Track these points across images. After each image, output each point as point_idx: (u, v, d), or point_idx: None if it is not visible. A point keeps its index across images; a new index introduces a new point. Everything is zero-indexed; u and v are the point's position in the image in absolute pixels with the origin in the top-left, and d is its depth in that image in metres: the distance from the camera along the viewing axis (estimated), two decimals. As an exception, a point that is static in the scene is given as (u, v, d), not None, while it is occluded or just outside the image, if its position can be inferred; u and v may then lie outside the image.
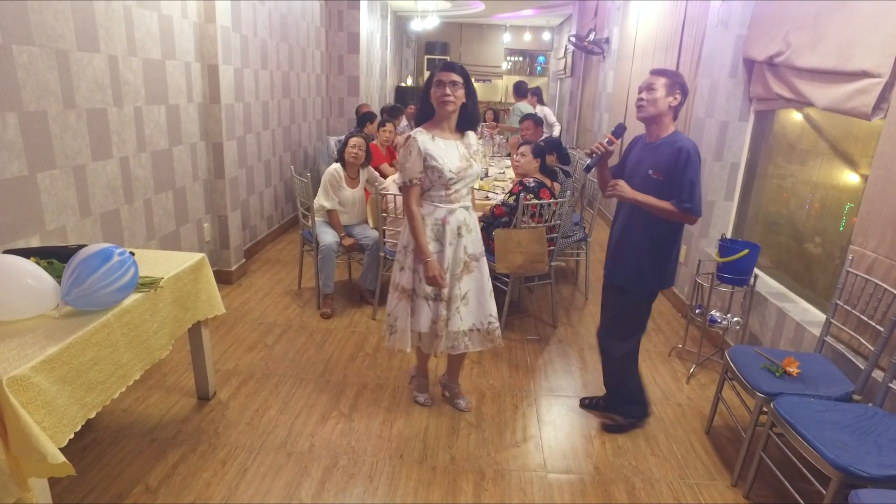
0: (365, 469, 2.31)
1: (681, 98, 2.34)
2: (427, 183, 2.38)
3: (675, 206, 2.28)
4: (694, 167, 2.26)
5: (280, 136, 5.41)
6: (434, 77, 2.31)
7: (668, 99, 2.32)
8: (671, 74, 2.35)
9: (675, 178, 2.28)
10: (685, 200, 2.26)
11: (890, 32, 2.31)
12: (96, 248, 1.87)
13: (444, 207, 2.41)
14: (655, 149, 2.37)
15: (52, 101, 2.48)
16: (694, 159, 2.26)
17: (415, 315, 2.47)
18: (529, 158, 3.55)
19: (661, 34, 5.30)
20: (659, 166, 2.32)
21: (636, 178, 2.40)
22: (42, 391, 1.57)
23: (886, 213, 2.26)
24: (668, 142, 2.33)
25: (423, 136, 2.35)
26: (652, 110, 2.34)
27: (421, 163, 2.33)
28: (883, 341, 2.12)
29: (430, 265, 2.36)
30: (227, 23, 3.88)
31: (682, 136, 2.35)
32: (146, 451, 2.34)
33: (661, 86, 2.32)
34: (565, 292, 4.43)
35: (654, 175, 2.33)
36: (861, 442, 1.85)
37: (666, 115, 2.35)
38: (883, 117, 2.34)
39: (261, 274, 4.45)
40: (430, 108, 2.38)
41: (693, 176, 2.25)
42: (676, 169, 2.27)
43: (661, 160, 2.32)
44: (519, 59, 15.78)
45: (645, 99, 2.35)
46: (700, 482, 2.34)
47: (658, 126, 2.38)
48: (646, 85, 2.36)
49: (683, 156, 2.26)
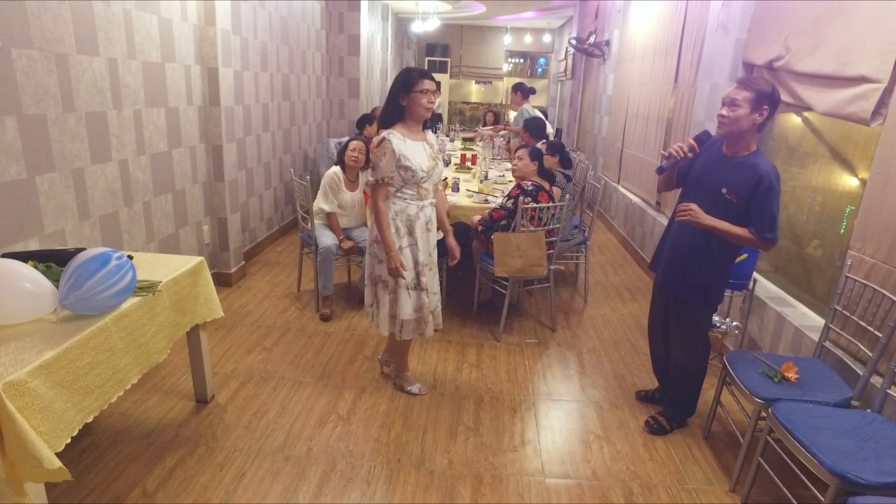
0: (363, 473, 2.31)
1: (768, 113, 2.17)
2: (399, 182, 2.50)
3: (754, 235, 2.19)
4: (775, 197, 2.15)
5: (280, 138, 5.41)
6: (418, 85, 2.42)
7: (752, 116, 2.16)
8: (758, 87, 2.15)
9: (753, 205, 2.17)
10: (767, 231, 2.17)
11: (889, 38, 2.31)
12: (94, 253, 1.87)
13: (415, 204, 2.55)
14: (734, 167, 2.24)
15: (51, 105, 2.48)
16: (776, 188, 2.15)
17: (399, 305, 2.60)
18: (527, 161, 3.55)
19: (661, 37, 5.30)
20: (736, 188, 2.21)
21: (709, 192, 2.28)
22: (39, 396, 1.57)
23: (885, 219, 2.25)
24: (749, 163, 2.20)
25: (396, 137, 2.45)
26: (734, 128, 2.20)
27: (394, 163, 2.44)
28: (881, 347, 2.12)
29: (394, 258, 2.50)
30: (227, 25, 3.89)
31: (765, 157, 2.22)
32: (144, 454, 2.34)
33: (745, 101, 2.15)
34: (564, 296, 4.43)
35: (728, 196, 2.22)
36: (859, 448, 1.84)
37: (748, 131, 2.20)
38: (882, 123, 2.34)
39: (260, 276, 4.45)
40: (398, 110, 2.49)
41: (775, 208, 2.16)
42: (756, 196, 2.16)
43: (738, 182, 2.20)
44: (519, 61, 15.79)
45: (727, 116, 2.19)
46: (698, 487, 2.34)
47: (740, 143, 2.25)
48: (729, 99, 2.20)
49: (765, 184, 2.14)
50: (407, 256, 2.57)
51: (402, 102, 2.46)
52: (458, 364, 3.23)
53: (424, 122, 2.56)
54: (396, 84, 2.46)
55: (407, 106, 2.47)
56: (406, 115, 2.50)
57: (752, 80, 2.20)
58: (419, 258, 2.58)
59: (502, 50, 15.30)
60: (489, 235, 3.50)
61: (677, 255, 2.46)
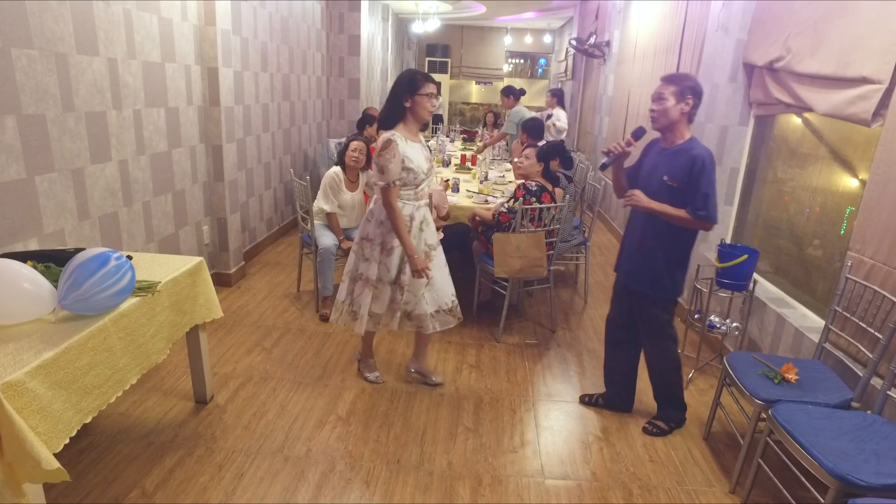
0: (362, 474, 2.30)
1: (693, 101, 2.34)
2: (399, 183, 2.52)
3: (690, 214, 2.32)
4: (709, 176, 2.29)
5: (280, 138, 5.41)
6: (424, 88, 2.47)
7: (679, 106, 2.33)
8: (679, 80, 2.34)
9: (690, 185, 2.31)
10: (700, 208, 2.30)
11: (890, 39, 2.31)
12: (93, 253, 1.87)
13: (411, 204, 2.59)
14: (671, 155, 2.39)
15: (50, 105, 2.48)
16: (709, 167, 2.29)
17: (376, 300, 2.66)
18: (533, 161, 3.55)
19: (661, 38, 5.30)
20: (675, 173, 2.35)
21: (652, 183, 2.43)
22: (37, 396, 1.56)
23: (884, 220, 2.25)
24: (684, 149, 2.35)
25: (400, 139, 2.48)
26: (664, 121, 2.36)
27: (400, 165, 2.47)
28: (882, 348, 2.11)
29: (419, 260, 2.54)
30: (228, 25, 3.89)
31: (698, 143, 2.37)
32: (143, 455, 2.34)
33: (671, 94, 2.33)
34: (565, 296, 4.42)
35: (669, 182, 2.36)
36: (859, 450, 1.84)
37: (679, 121, 2.36)
38: (882, 124, 2.33)
39: (260, 276, 4.45)
40: (401, 111, 2.51)
41: (708, 185, 2.29)
42: (692, 177, 2.30)
43: (676, 167, 2.35)
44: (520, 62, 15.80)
45: (656, 110, 2.36)
46: (698, 488, 2.33)
47: (673, 133, 2.40)
48: (656, 95, 2.36)
49: (699, 164, 2.28)
50: (395, 255, 2.61)
51: (405, 104, 2.48)
52: (457, 365, 3.23)
53: None
54: (401, 85, 2.47)
55: (410, 108, 2.49)
56: (408, 117, 2.52)
57: (675, 76, 2.38)
58: None
59: (503, 50, 15.31)
60: (489, 236, 3.49)
61: (632, 250, 2.55)
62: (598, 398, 2.88)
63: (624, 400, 2.84)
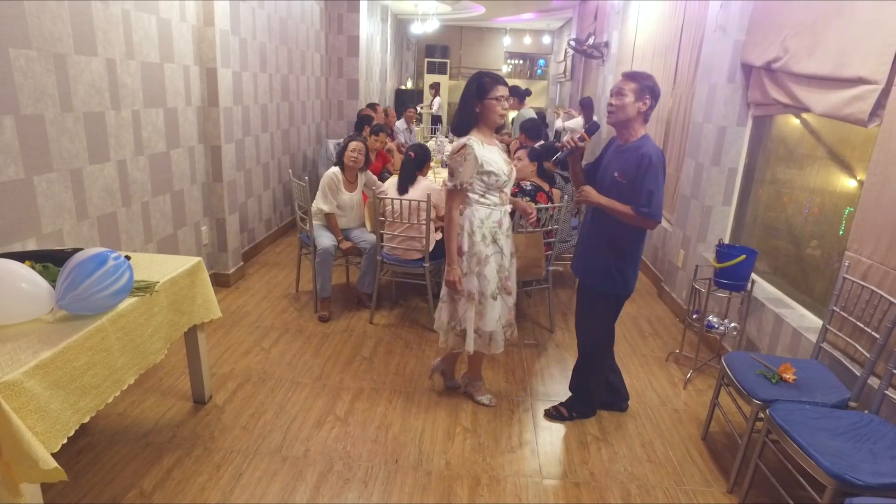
0: (360, 474, 2.30)
1: (650, 102, 2.36)
2: (482, 188, 2.48)
3: (634, 211, 2.34)
4: (654, 174, 2.30)
5: (279, 139, 5.41)
6: (493, 91, 2.41)
7: (637, 104, 2.35)
8: (641, 79, 2.36)
9: (636, 182, 2.33)
10: (643, 205, 2.32)
11: (886, 39, 2.31)
12: (91, 253, 1.87)
13: (499, 210, 2.54)
14: (623, 153, 2.42)
15: (49, 105, 2.48)
16: (655, 166, 2.30)
17: (483, 317, 2.57)
18: (526, 162, 3.56)
19: (659, 38, 5.31)
20: (625, 170, 2.38)
21: (605, 180, 2.47)
22: (34, 396, 1.56)
23: (882, 220, 2.25)
24: (635, 146, 2.38)
25: (477, 143, 2.44)
26: (621, 116, 2.39)
27: (473, 169, 2.43)
28: (879, 348, 2.12)
29: (455, 271, 2.50)
30: (226, 26, 3.89)
31: (650, 141, 2.39)
32: (141, 455, 2.34)
33: (631, 91, 2.34)
34: (563, 296, 4.43)
35: (619, 178, 2.39)
36: (857, 449, 1.84)
37: (635, 119, 2.39)
38: (879, 124, 2.34)
39: (258, 277, 4.45)
40: (473, 116, 2.46)
41: (652, 182, 2.30)
42: (638, 174, 2.32)
43: (626, 164, 2.37)
44: (519, 63, 15.82)
45: (614, 104, 2.38)
46: (696, 488, 2.33)
47: (628, 130, 2.42)
48: (616, 90, 2.38)
49: (645, 162, 2.30)
50: (492, 266, 2.54)
51: (476, 109, 2.45)
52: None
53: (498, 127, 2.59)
54: (470, 90, 2.44)
55: (480, 112, 2.46)
56: (480, 122, 2.48)
57: (636, 74, 2.39)
58: (504, 263, 2.58)
59: (502, 51, 15.33)
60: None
61: (582, 243, 2.60)
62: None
63: (614, 399, 2.84)
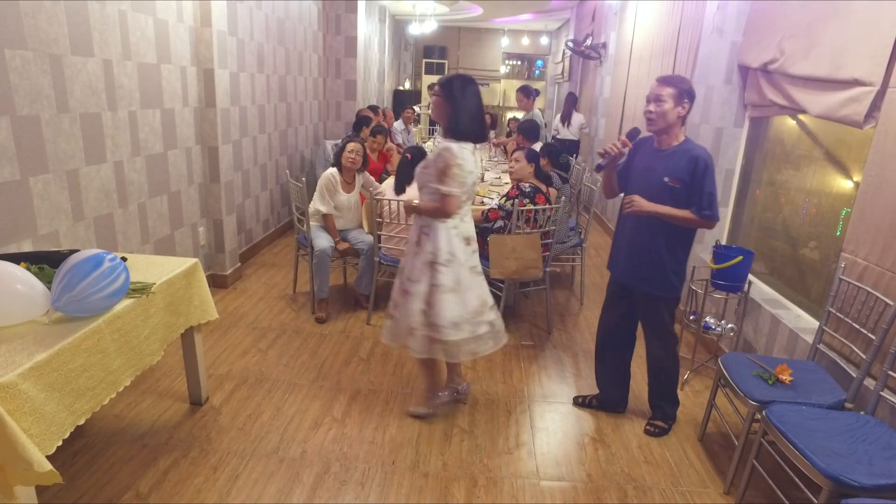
0: (357, 475, 2.30)
1: (689, 105, 2.35)
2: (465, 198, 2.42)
3: (695, 215, 2.34)
4: (711, 176, 2.32)
5: (276, 139, 5.41)
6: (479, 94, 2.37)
7: (676, 109, 2.34)
8: (678, 83, 2.34)
9: (693, 186, 2.33)
10: (705, 208, 2.33)
11: (881, 41, 2.32)
12: (87, 254, 1.86)
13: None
14: (670, 157, 2.39)
15: (45, 106, 2.47)
16: (711, 168, 2.32)
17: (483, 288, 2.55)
18: (524, 164, 3.56)
19: (657, 40, 5.32)
20: (676, 174, 2.35)
21: (652, 185, 2.41)
22: (30, 398, 1.56)
23: (877, 221, 2.26)
24: (682, 150, 2.37)
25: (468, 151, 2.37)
26: (662, 123, 2.37)
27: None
28: (875, 349, 2.12)
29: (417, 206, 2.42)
30: (224, 27, 3.88)
31: (694, 143, 2.40)
32: (137, 456, 2.33)
33: (669, 96, 2.32)
34: (561, 297, 4.43)
35: (670, 183, 2.36)
36: (852, 451, 1.85)
37: (676, 124, 2.37)
38: (874, 125, 2.35)
39: (256, 278, 4.45)
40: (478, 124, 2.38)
41: (711, 185, 2.32)
42: (695, 178, 2.32)
43: (677, 168, 2.35)
44: (517, 63, 15.83)
45: (654, 112, 2.36)
46: (692, 489, 2.34)
47: (669, 135, 2.41)
48: (653, 96, 2.35)
49: (701, 165, 2.31)
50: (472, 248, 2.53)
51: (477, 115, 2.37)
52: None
53: None
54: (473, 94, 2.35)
55: None
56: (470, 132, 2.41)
57: (672, 78, 2.37)
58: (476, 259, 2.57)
59: (500, 52, 15.34)
60: (485, 237, 3.50)
61: (634, 252, 2.53)
62: (592, 400, 2.88)
63: (618, 401, 2.84)
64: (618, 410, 2.85)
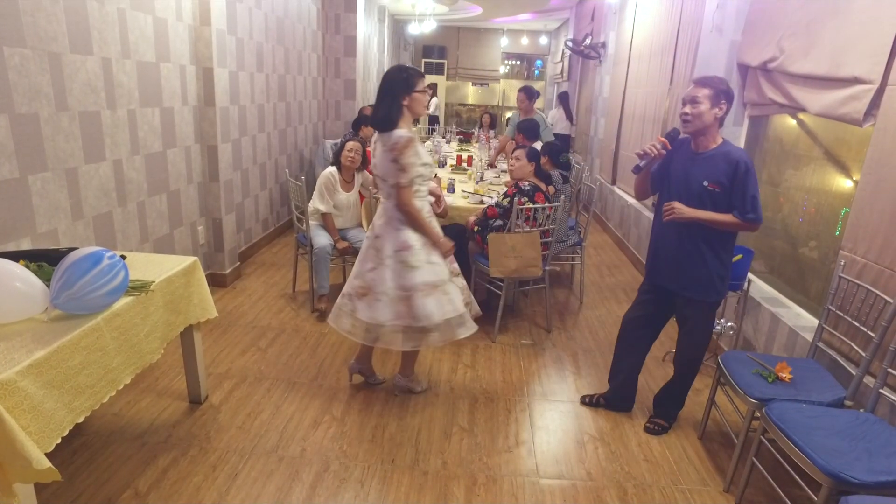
0: (356, 474, 2.30)
1: (727, 106, 2.29)
2: (419, 181, 2.52)
3: (738, 218, 2.28)
4: (753, 178, 2.26)
5: (276, 139, 5.40)
6: (419, 84, 2.49)
7: (713, 110, 2.27)
8: (715, 84, 2.28)
9: (735, 190, 2.27)
10: (749, 211, 2.27)
11: (881, 40, 2.32)
12: (86, 252, 1.86)
13: (427, 199, 2.61)
14: (708, 160, 2.33)
15: (44, 104, 2.47)
16: (752, 170, 2.27)
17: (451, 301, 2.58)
18: (524, 163, 3.56)
19: (656, 39, 5.32)
20: (715, 178, 2.30)
21: (691, 189, 2.36)
22: (28, 396, 1.56)
23: (876, 219, 2.26)
24: (721, 153, 2.31)
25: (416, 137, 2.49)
26: (699, 124, 2.30)
27: (420, 162, 2.48)
28: (874, 347, 2.12)
29: (444, 242, 2.60)
30: (223, 26, 3.88)
31: (732, 145, 2.35)
32: (136, 455, 2.33)
33: (705, 98, 2.27)
34: (560, 296, 4.43)
35: (710, 187, 2.31)
36: (852, 448, 1.85)
37: (713, 126, 2.31)
38: (873, 124, 2.35)
39: (255, 277, 4.44)
40: (400, 111, 2.49)
41: (754, 188, 2.26)
42: (736, 181, 2.26)
43: (717, 172, 2.30)
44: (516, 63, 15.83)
45: (690, 113, 2.30)
46: (692, 488, 2.34)
47: (706, 137, 2.34)
48: (689, 98, 2.30)
49: (742, 168, 2.25)
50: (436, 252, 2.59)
51: (404, 103, 2.47)
52: (452, 364, 3.23)
53: None
54: (398, 84, 2.46)
55: (408, 105, 2.48)
56: (406, 115, 2.50)
57: (709, 78, 2.31)
58: None
59: (499, 52, 15.34)
60: (485, 236, 3.50)
61: (681, 259, 2.46)
62: (600, 398, 2.88)
63: (627, 400, 2.84)
64: (625, 409, 2.84)
